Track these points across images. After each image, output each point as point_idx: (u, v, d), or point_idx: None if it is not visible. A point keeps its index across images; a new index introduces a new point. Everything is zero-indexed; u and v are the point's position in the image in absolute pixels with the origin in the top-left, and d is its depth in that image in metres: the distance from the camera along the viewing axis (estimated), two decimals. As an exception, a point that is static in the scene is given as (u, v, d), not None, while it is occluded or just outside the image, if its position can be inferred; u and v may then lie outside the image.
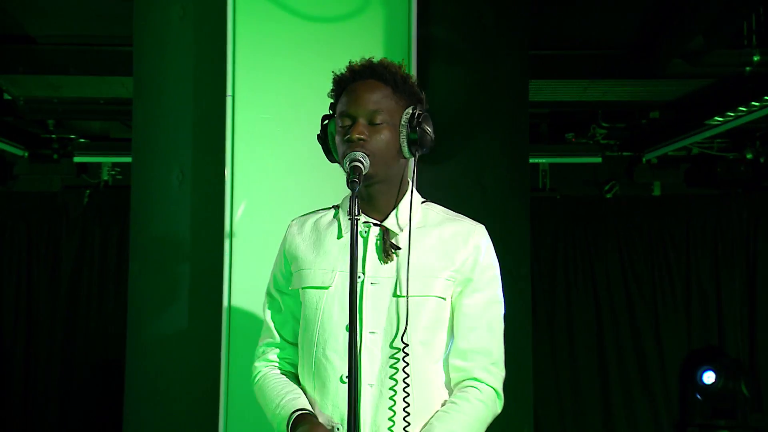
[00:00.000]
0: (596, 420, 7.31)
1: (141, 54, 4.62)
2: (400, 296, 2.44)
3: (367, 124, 2.43)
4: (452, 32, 4.17)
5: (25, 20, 5.57)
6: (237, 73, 3.81)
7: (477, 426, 2.47)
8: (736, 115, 5.73)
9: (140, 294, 4.51)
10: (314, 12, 3.82)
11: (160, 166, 4.40)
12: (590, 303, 7.41)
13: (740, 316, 7.18)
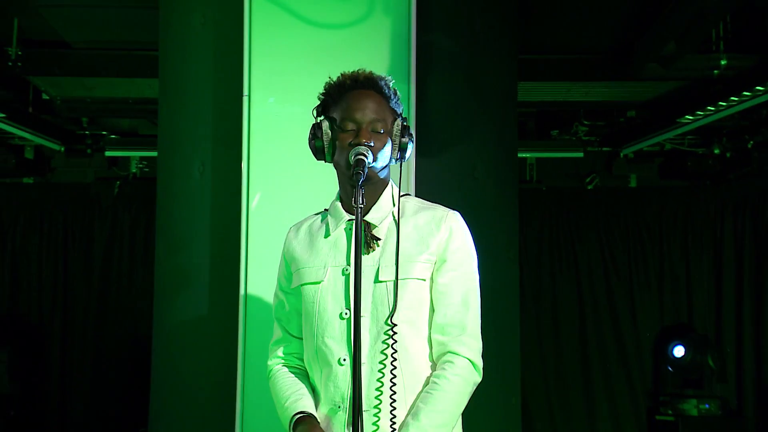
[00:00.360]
0: (578, 390, 7.32)
1: (166, 58, 4.62)
2: (380, 282, 2.47)
3: (371, 133, 2.45)
4: (448, 39, 4.17)
5: (62, 28, 5.57)
6: (252, 74, 3.81)
7: (458, 399, 2.49)
8: (705, 114, 5.71)
9: (165, 274, 4.53)
10: (322, 19, 3.82)
11: (183, 160, 4.42)
12: (572, 284, 7.42)
13: (707, 296, 7.19)
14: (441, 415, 2.45)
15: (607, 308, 7.38)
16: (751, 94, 5.27)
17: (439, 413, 2.44)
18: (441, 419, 2.45)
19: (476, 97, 4.33)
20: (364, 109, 2.47)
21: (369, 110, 2.48)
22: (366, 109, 2.48)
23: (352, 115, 2.46)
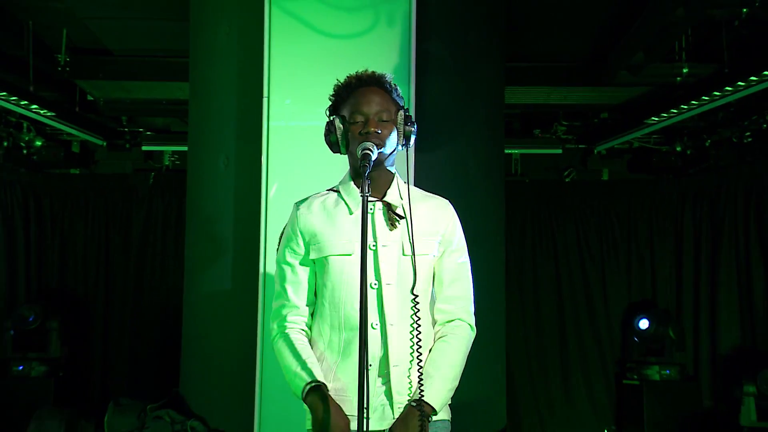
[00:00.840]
0: (555, 357, 7.34)
1: (195, 64, 4.65)
2: (405, 255, 2.52)
3: (378, 122, 2.47)
4: (444, 48, 4.19)
5: (105, 38, 5.60)
6: (272, 78, 3.84)
7: (465, 354, 2.59)
8: (668, 116, 5.72)
9: (194, 254, 4.57)
10: (333, 30, 3.84)
11: (210, 154, 4.45)
12: (551, 264, 7.43)
13: (669, 275, 7.20)
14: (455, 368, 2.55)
15: (581, 286, 7.40)
16: (708, 98, 5.28)
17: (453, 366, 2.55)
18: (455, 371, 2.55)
19: (468, 100, 4.34)
20: (370, 102, 2.52)
21: (374, 103, 2.52)
22: (371, 102, 2.52)
23: (360, 109, 2.51)
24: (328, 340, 2.56)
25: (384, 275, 2.50)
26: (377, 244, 2.51)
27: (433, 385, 2.45)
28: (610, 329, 7.29)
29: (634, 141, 6.74)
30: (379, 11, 3.78)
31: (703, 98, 5.28)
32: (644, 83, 5.80)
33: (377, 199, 2.56)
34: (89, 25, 5.34)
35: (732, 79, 5.01)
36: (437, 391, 2.46)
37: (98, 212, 7.45)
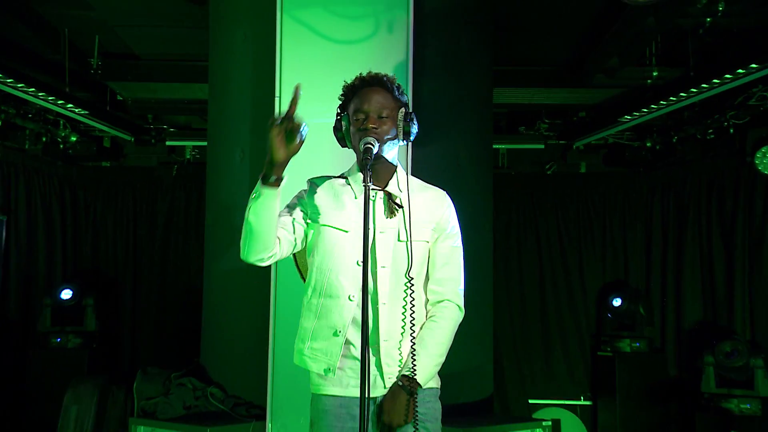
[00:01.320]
0: (537, 332, 7.36)
1: (214, 66, 4.65)
2: (400, 241, 2.53)
3: (377, 119, 2.48)
4: (437, 53, 4.19)
5: (133, 43, 5.60)
6: (283, 79, 3.84)
7: (452, 333, 2.60)
8: (640, 115, 5.71)
9: (213, 238, 4.58)
10: (338, 36, 3.85)
11: (227, 148, 4.47)
12: (534, 248, 7.45)
13: (640, 258, 7.22)
14: (441, 346, 2.56)
15: (560, 267, 7.41)
16: (676, 99, 5.27)
17: (440, 345, 2.55)
18: (441, 349, 2.56)
19: (460, 100, 4.34)
20: (370, 100, 2.53)
21: (374, 101, 2.53)
22: (371, 101, 2.53)
23: (361, 107, 2.53)
24: (308, 302, 2.60)
25: (380, 258, 2.51)
26: (375, 229, 2.53)
27: (420, 362, 2.48)
28: (586, 307, 7.31)
29: (608, 137, 6.74)
30: (380, 19, 3.78)
31: (671, 99, 5.28)
32: (618, 85, 5.81)
33: (379, 188, 2.58)
34: (119, 32, 5.35)
35: (696, 81, 5.01)
36: (423, 368, 2.49)
37: (127, 201, 7.48)
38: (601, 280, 7.32)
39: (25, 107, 6.05)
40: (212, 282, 4.54)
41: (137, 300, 7.40)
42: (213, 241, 4.56)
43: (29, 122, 6.25)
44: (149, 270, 7.43)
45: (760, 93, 5.36)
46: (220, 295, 4.43)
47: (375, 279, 2.51)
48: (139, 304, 7.40)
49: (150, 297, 7.38)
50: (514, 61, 5.68)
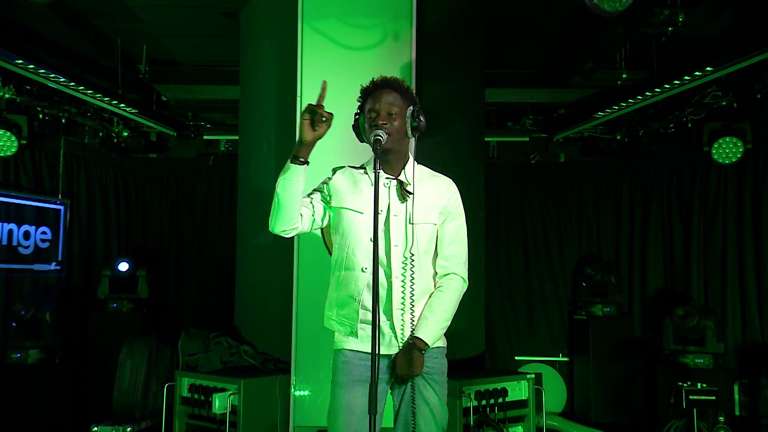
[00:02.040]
0: (522, 298, 7.38)
1: (245, 70, 4.66)
2: (411, 223, 2.55)
3: (387, 116, 2.49)
4: (437, 58, 4.18)
5: (175, 51, 5.62)
6: (303, 81, 3.85)
7: (456, 301, 2.63)
8: (611, 112, 5.71)
9: (244, 218, 4.60)
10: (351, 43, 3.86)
11: (256, 141, 4.49)
12: (520, 227, 7.45)
13: (611, 235, 7.22)
14: (447, 312, 2.60)
15: (542, 243, 7.41)
16: (642, 98, 5.27)
17: (446, 311, 2.60)
18: (447, 314, 2.60)
19: (456, 99, 4.35)
20: (381, 101, 2.54)
21: (384, 101, 2.54)
22: (382, 101, 2.54)
23: (373, 107, 2.55)
24: (333, 276, 2.65)
25: (393, 237, 2.55)
26: (389, 212, 2.56)
27: (428, 325, 2.53)
28: (564, 276, 7.31)
29: (584, 131, 6.72)
30: (387, 29, 3.78)
31: (638, 97, 5.28)
32: (592, 86, 5.79)
33: (393, 177, 2.60)
34: (163, 42, 5.36)
35: (660, 82, 5.01)
36: (430, 330, 2.53)
37: (170, 187, 7.51)
38: (577, 254, 7.31)
39: (85, 107, 6.06)
40: (244, 256, 4.56)
41: (180, 271, 7.44)
42: (244, 220, 4.58)
43: (88, 120, 6.27)
44: (190, 246, 7.46)
45: (713, 92, 5.35)
46: (250, 267, 4.46)
47: (389, 256, 2.54)
48: (181, 275, 7.43)
49: (191, 269, 7.42)
50: (502, 65, 5.67)
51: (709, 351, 5.49)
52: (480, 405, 3.63)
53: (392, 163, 2.61)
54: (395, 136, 2.53)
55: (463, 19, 4.41)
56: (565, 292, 7.29)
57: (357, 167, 2.73)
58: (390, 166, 2.61)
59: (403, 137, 2.57)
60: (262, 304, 4.25)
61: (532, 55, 5.60)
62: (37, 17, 4.80)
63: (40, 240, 6.02)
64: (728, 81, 5.19)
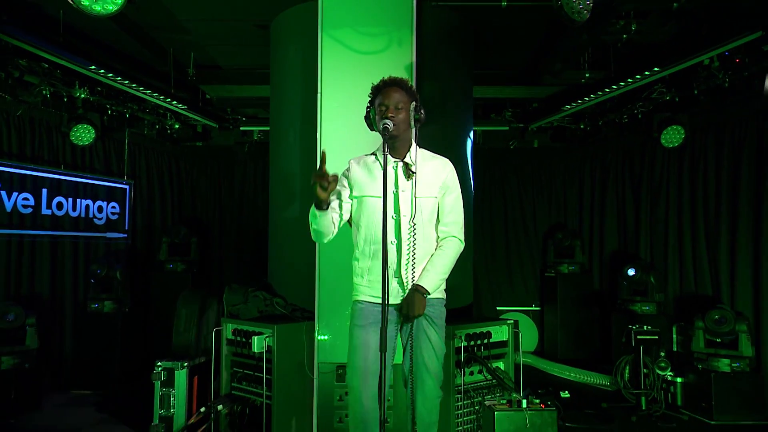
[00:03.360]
0: (502, 259, 7.44)
1: (274, 72, 4.66)
2: (416, 197, 2.59)
3: (394, 109, 2.51)
4: (434, 61, 4.16)
5: (217, 57, 5.60)
6: (323, 80, 3.85)
7: (453, 258, 2.67)
8: (576, 105, 5.70)
9: (275, 196, 4.61)
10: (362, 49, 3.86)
11: (283, 131, 4.48)
12: (501, 202, 7.49)
13: (575, 207, 7.23)
14: (445, 266, 2.65)
15: (519, 214, 7.45)
16: (601, 93, 5.26)
17: (444, 265, 2.65)
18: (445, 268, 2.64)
19: (449, 94, 4.34)
20: (389, 96, 2.56)
21: (392, 97, 2.56)
22: (390, 97, 2.56)
23: (383, 101, 2.56)
24: (362, 249, 2.67)
25: (402, 210, 2.57)
26: (398, 189, 2.59)
27: (429, 276, 2.57)
28: (537, 241, 7.37)
29: (554, 121, 6.71)
30: (392, 36, 3.77)
31: (598, 93, 5.26)
32: (561, 84, 5.78)
33: (399, 159, 2.62)
34: (208, 50, 5.36)
35: (616, 80, 4.99)
36: (430, 280, 2.57)
37: (213, 170, 7.53)
38: (547, 223, 7.35)
39: (144, 104, 6.07)
40: (275, 226, 4.57)
41: (223, 239, 7.47)
42: (275, 197, 4.58)
43: (147, 115, 6.27)
44: (230, 218, 7.49)
45: (659, 89, 5.35)
46: (280, 235, 4.47)
47: (398, 224, 2.57)
48: (224, 242, 7.47)
49: (231, 237, 7.46)
50: (487, 66, 5.65)
51: (653, 300, 5.54)
52: (469, 345, 3.67)
53: (398, 148, 2.64)
54: (401, 125, 2.56)
55: (455, 28, 4.40)
56: (537, 253, 7.34)
57: (368, 155, 2.75)
58: (396, 151, 2.64)
59: (407, 127, 2.60)
60: (291, 265, 4.26)
61: (511, 58, 5.58)
62: (106, 31, 4.81)
63: (111, 213, 6.06)
64: (671, 80, 5.19)
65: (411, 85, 2.64)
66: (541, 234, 7.34)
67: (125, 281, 5.66)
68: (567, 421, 4.26)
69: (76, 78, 5.25)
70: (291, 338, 3.70)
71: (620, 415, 4.59)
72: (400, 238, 2.58)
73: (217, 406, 3.78)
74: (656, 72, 4.67)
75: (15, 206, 5.08)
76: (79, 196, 5.68)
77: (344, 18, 3.80)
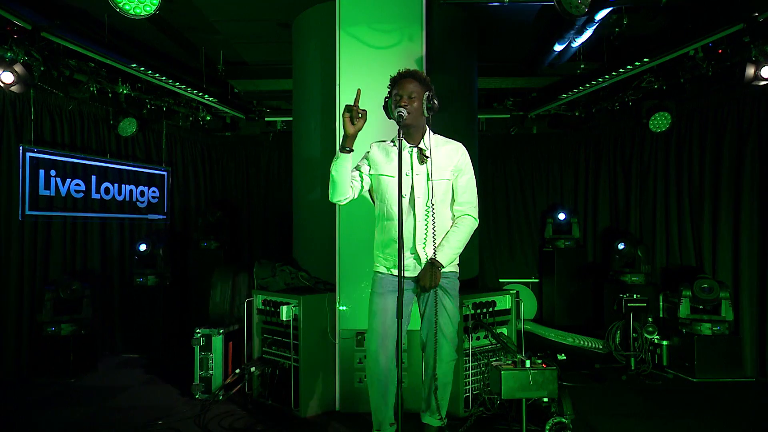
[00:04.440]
0: (504, 236, 7.43)
1: (296, 67, 4.66)
2: (430, 180, 2.57)
3: (408, 98, 2.51)
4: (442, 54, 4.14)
5: (243, 54, 5.60)
6: (341, 74, 3.84)
7: (467, 232, 2.67)
8: (572, 94, 5.65)
9: (298, 180, 4.63)
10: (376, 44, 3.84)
11: (305, 121, 4.48)
12: (502, 184, 7.45)
13: (570, 188, 7.20)
14: (459, 241, 2.66)
15: (519, 195, 7.42)
16: (595, 83, 5.21)
17: (458, 240, 2.66)
18: (459, 243, 2.65)
19: (456, 85, 4.33)
20: (404, 87, 2.55)
21: (406, 87, 2.55)
22: (405, 87, 2.55)
23: (399, 91, 2.55)
24: (380, 225, 2.68)
25: (417, 192, 2.58)
26: (413, 172, 2.59)
27: (444, 251, 2.58)
28: (536, 220, 7.35)
29: (551, 109, 6.66)
30: (404, 32, 3.75)
31: (592, 83, 5.21)
32: (558, 74, 5.73)
33: (414, 145, 2.63)
34: (236, 47, 5.36)
35: (608, 71, 4.94)
36: (445, 254, 2.59)
37: (242, 157, 7.54)
38: (545, 202, 7.33)
39: (179, 98, 6.10)
40: (298, 207, 4.58)
41: (251, 220, 7.51)
42: (298, 181, 4.58)
43: (182, 108, 6.31)
44: (257, 201, 7.52)
45: (648, 78, 5.28)
46: (304, 215, 4.49)
47: (413, 206, 2.58)
48: (252, 222, 7.51)
49: (258, 218, 7.49)
50: (490, 59, 5.60)
51: (641, 272, 5.54)
52: (476, 313, 3.68)
53: (413, 134, 2.64)
54: (414, 114, 2.56)
55: (461, 24, 4.36)
56: (536, 231, 7.33)
57: (387, 141, 2.76)
58: (411, 137, 2.64)
59: (420, 115, 2.60)
60: (314, 242, 4.29)
61: (512, 51, 5.53)
62: (144, 32, 4.83)
63: (151, 197, 6.13)
64: (659, 70, 5.12)
65: (425, 77, 2.63)
66: (539, 213, 7.31)
67: (166, 258, 5.74)
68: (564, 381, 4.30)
69: (119, 75, 5.29)
70: (315, 308, 3.73)
71: (611, 375, 4.63)
72: (416, 217, 2.59)
73: (250, 367, 3.86)
74: (646, 63, 4.61)
75: (69, 191, 5.16)
76: (124, 182, 5.75)
77: (360, 16, 3.79)
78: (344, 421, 3.58)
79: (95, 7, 4.25)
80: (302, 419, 3.61)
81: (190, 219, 6.80)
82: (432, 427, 2.81)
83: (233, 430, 3.40)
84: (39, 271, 4.89)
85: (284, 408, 3.74)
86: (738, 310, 4.66)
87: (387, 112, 2.69)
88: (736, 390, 4.22)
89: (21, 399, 4.10)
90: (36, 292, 4.81)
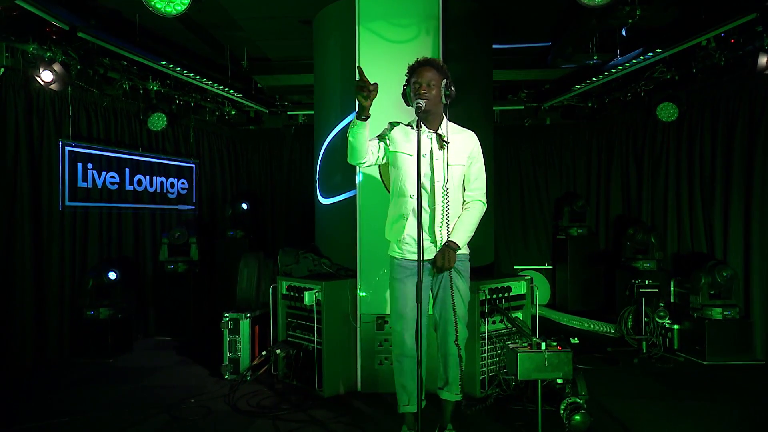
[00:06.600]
0: (517, 224, 7.40)
1: (317, 62, 4.65)
2: (448, 165, 2.57)
3: (427, 86, 2.49)
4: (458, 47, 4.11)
5: (267, 51, 5.61)
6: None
7: (478, 215, 2.66)
8: (585, 86, 5.59)
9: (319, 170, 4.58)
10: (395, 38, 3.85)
11: (326, 114, 4.47)
12: (517, 173, 7.40)
13: (584, 177, 7.13)
14: (471, 224, 2.64)
15: (533, 184, 7.36)
16: (608, 74, 5.14)
17: (471, 223, 2.65)
18: (471, 226, 2.64)
19: (472, 77, 4.29)
20: (423, 75, 2.54)
21: (425, 76, 2.54)
22: (423, 75, 2.54)
23: (417, 79, 2.54)
24: (395, 201, 2.69)
25: (436, 175, 2.58)
26: (432, 157, 2.58)
27: (458, 233, 2.58)
28: (549, 208, 7.29)
29: (564, 100, 6.60)
30: (421, 26, 3.74)
31: (605, 74, 5.14)
32: (571, 66, 5.63)
33: (433, 131, 2.62)
34: (259, 44, 5.38)
35: (621, 63, 4.85)
36: (459, 236, 2.58)
37: (265, 149, 7.58)
38: (559, 191, 7.26)
39: (205, 94, 6.16)
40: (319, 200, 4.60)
41: (274, 210, 7.56)
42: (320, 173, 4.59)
43: (208, 103, 6.36)
44: (280, 192, 7.56)
45: (660, 69, 5.18)
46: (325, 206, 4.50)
47: (433, 187, 2.58)
48: (275, 211, 7.55)
49: (281, 208, 7.53)
50: (505, 52, 5.55)
51: (653, 258, 5.47)
52: (492, 298, 3.68)
53: (431, 121, 2.63)
54: (433, 101, 2.55)
55: (476, 17, 4.32)
56: (550, 218, 7.27)
57: (406, 124, 2.76)
58: (430, 124, 2.63)
59: (438, 102, 2.58)
60: (335, 230, 4.30)
61: (526, 44, 5.45)
62: (173, 31, 4.87)
63: (181, 188, 6.21)
64: (671, 60, 5.02)
65: (443, 65, 2.62)
66: (552, 201, 7.25)
67: (198, 246, 5.81)
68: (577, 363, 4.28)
69: (150, 72, 5.35)
70: (337, 293, 3.76)
71: (624, 358, 4.60)
72: (434, 201, 2.59)
73: (276, 350, 3.91)
74: (658, 53, 4.53)
75: (104, 183, 5.25)
76: (155, 174, 5.83)
77: (378, 11, 3.78)
78: (366, 400, 3.62)
79: (126, 6, 4.30)
80: (325, 399, 3.66)
81: (217, 209, 6.86)
82: (450, 402, 2.83)
83: (260, 408, 3.46)
84: (78, 259, 5.00)
85: (308, 388, 3.79)
86: (748, 294, 4.59)
87: (405, 99, 2.68)
88: (747, 372, 4.17)
89: (65, 378, 4.23)
90: (76, 278, 4.92)
